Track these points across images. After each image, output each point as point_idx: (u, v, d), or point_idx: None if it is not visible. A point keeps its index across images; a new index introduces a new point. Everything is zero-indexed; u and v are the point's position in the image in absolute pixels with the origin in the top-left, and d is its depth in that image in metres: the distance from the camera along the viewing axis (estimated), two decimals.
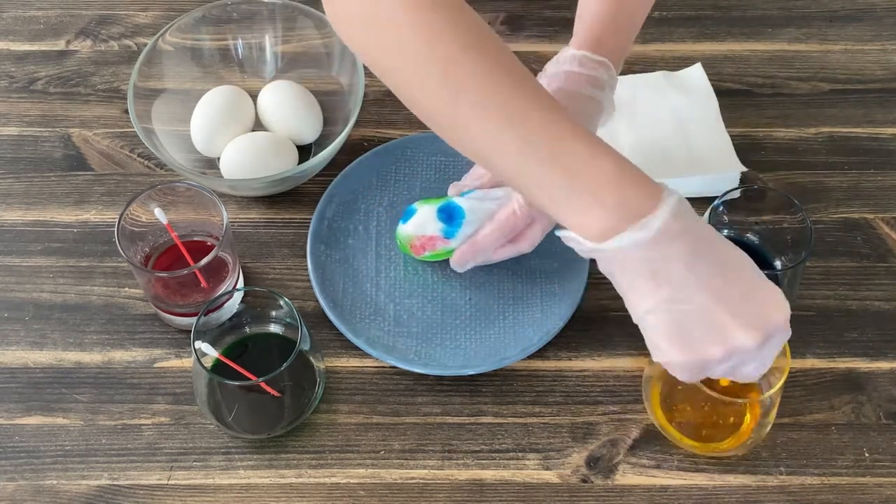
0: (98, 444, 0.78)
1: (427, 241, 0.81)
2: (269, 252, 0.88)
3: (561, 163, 0.63)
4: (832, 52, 1.02)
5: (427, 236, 0.81)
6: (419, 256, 0.83)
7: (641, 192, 0.63)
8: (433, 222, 0.81)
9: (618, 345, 0.83)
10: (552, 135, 0.63)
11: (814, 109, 0.97)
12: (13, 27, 1.04)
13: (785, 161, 0.94)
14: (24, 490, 0.76)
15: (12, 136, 0.95)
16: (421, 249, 0.82)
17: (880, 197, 0.91)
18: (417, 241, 0.82)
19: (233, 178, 0.88)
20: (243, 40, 0.96)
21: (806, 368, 0.82)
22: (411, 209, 0.83)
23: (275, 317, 0.79)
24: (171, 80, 0.92)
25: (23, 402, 0.80)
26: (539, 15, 1.05)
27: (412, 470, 0.77)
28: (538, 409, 0.80)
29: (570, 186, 0.63)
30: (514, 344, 0.81)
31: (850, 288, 0.86)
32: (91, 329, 0.83)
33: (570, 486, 0.76)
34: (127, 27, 1.03)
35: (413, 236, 0.82)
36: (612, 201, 0.62)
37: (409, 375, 0.81)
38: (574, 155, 0.63)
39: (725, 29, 1.04)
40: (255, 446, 0.78)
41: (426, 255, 0.83)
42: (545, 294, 0.84)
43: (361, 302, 0.84)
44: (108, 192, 0.91)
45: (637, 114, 0.94)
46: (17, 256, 0.87)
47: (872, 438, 0.78)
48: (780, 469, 0.77)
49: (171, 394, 0.80)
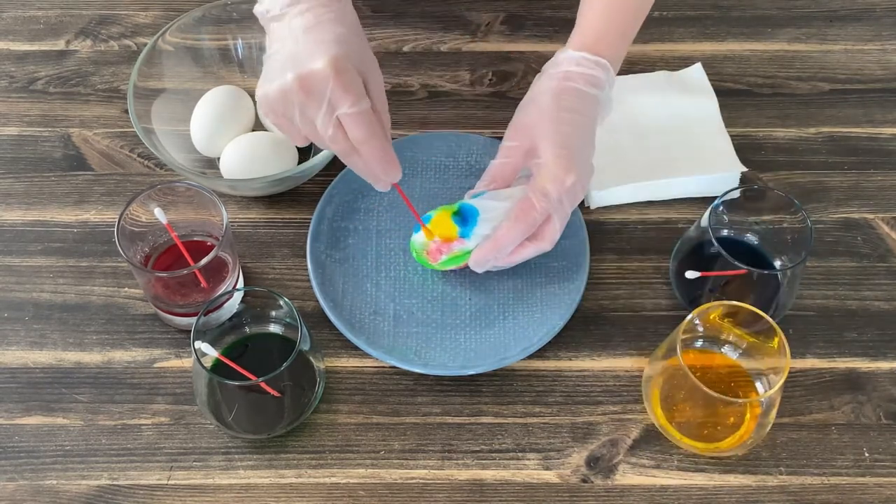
0: (98, 444, 0.78)
1: (443, 244, 0.80)
2: (269, 252, 0.88)
3: None
4: (832, 52, 1.02)
5: (442, 239, 0.80)
6: (436, 263, 0.82)
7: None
8: (450, 226, 0.80)
9: (618, 345, 0.83)
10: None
11: (814, 109, 0.97)
12: (13, 27, 1.04)
13: (785, 161, 0.94)
14: (24, 490, 0.76)
15: (12, 136, 0.95)
16: (437, 254, 0.81)
17: (880, 197, 0.91)
18: (433, 244, 0.81)
19: (233, 178, 0.88)
20: (243, 40, 0.96)
21: (806, 368, 0.82)
22: (427, 216, 0.82)
23: (275, 317, 0.79)
24: (171, 80, 0.92)
25: (23, 402, 0.80)
26: (539, 15, 1.05)
27: (412, 470, 0.77)
28: (538, 409, 0.80)
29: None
30: (514, 344, 0.81)
31: (850, 288, 0.86)
32: (91, 329, 0.83)
33: (570, 486, 0.76)
34: (127, 27, 1.03)
35: (428, 242, 0.81)
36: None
37: (409, 375, 0.81)
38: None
39: (725, 29, 1.04)
40: (255, 446, 0.78)
41: (443, 260, 0.81)
42: (545, 294, 0.84)
43: (361, 302, 0.84)
44: (108, 192, 0.91)
45: (637, 114, 0.94)
46: (17, 256, 0.87)
47: (872, 438, 0.78)
48: (780, 469, 0.77)
49: (171, 394, 0.80)
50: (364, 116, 0.72)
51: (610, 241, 0.88)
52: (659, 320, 0.84)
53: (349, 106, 0.71)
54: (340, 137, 0.73)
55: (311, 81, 0.71)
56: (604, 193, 0.90)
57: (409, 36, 1.03)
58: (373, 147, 0.73)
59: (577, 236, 0.86)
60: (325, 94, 0.71)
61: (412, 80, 0.99)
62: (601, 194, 0.90)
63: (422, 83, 0.99)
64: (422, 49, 1.02)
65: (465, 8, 1.05)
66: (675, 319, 0.81)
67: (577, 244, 0.85)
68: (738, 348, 0.79)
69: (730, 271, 0.77)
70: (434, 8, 1.05)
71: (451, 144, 0.92)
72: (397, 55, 1.01)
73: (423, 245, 0.82)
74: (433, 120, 0.96)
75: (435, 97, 0.98)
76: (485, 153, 0.91)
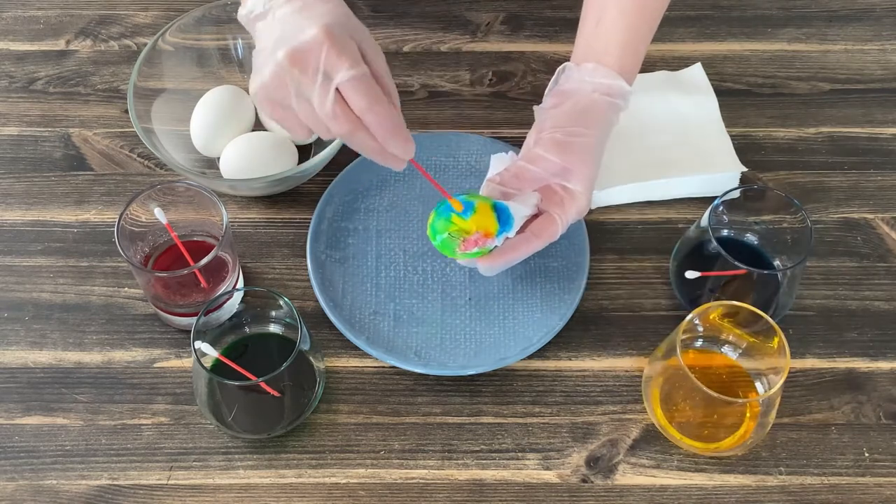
0: (98, 444, 0.78)
1: (482, 238, 0.76)
2: (269, 252, 0.88)
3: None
4: (832, 52, 1.02)
5: (484, 233, 0.76)
6: (462, 251, 0.77)
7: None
8: (492, 220, 0.76)
9: (618, 345, 0.83)
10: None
11: (814, 109, 0.97)
12: (13, 27, 1.04)
13: (785, 161, 0.94)
14: (24, 490, 0.76)
15: (12, 136, 0.95)
16: (473, 245, 0.76)
17: (880, 197, 0.91)
18: (474, 236, 0.76)
19: (233, 178, 0.88)
20: (243, 40, 0.96)
21: (806, 368, 0.82)
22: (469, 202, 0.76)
23: (275, 317, 0.79)
24: (171, 80, 0.92)
25: (23, 402, 0.80)
26: (539, 15, 1.05)
27: (412, 470, 0.77)
28: (538, 409, 0.80)
29: None
30: (513, 344, 0.81)
31: (850, 288, 0.86)
32: (91, 329, 0.83)
33: (569, 486, 0.76)
34: (127, 27, 1.03)
35: (470, 231, 0.76)
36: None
37: (409, 375, 0.81)
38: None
39: (725, 29, 1.04)
40: (255, 446, 0.78)
41: (472, 252, 0.77)
42: (545, 294, 0.84)
43: (361, 302, 0.84)
44: (108, 191, 0.91)
45: (637, 114, 0.94)
46: (17, 256, 0.87)
47: (872, 438, 0.78)
48: (780, 469, 0.77)
49: (171, 394, 0.80)
50: (364, 80, 0.67)
51: (610, 241, 0.88)
52: (659, 320, 0.84)
53: (346, 69, 0.66)
54: (340, 111, 0.67)
55: (303, 53, 0.66)
56: (604, 193, 0.90)
57: (409, 36, 1.03)
58: (378, 114, 0.67)
59: (577, 236, 0.86)
60: (320, 64, 0.66)
61: (412, 80, 0.99)
62: (601, 194, 0.90)
63: (422, 83, 0.99)
64: (422, 49, 1.02)
65: (465, 8, 1.05)
66: (675, 319, 0.82)
67: (577, 244, 0.86)
68: (738, 348, 0.79)
69: (730, 271, 0.77)
70: (434, 8, 1.05)
71: (451, 144, 0.92)
72: (397, 55, 1.01)
73: (459, 232, 0.76)
74: (433, 120, 0.96)
75: (435, 97, 0.98)
76: (485, 153, 0.91)
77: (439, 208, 0.77)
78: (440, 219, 0.76)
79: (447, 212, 0.76)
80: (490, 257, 0.77)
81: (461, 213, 0.75)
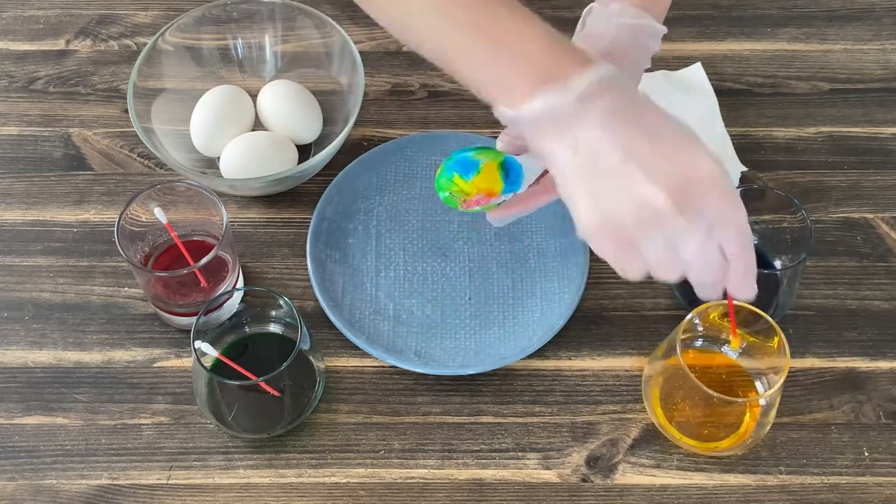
0: (98, 443, 0.78)
1: (483, 198, 0.74)
2: (268, 252, 0.88)
3: (489, 34, 0.59)
4: (832, 52, 1.02)
5: (485, 193, 0.74)
6: (465, 209, 0.75)
7: (570, 58, 0.58)
8: (497, 180, 0.73)
9: (618, 345, 0.83)
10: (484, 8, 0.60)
11: (813, 109, 0.97)
12: (13, 27, 1.04)
13: (784, 161, 0.94)
14: (24, 490, 0.76)
15: (12, 135, 0.95)
16: (475, 204, 0.75)
17: (880, 197, 0.91)
18: (475, 195, 0.74)
19: (233, 177, 0.88)
20: (243, 40, 0.96)
21: (806, 368, 0.82)
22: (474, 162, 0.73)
23: (275, 316, 0.79)
24: (171, 80, 0.92)
25: (23, 401, 0.80)
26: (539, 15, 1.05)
27: (412, 470, 0.77)
28: (538, 409, 0.80)
29: (496, 54, 0.59)
30: (513, 343, 0.81)
31: (850, 288, 0.86)
32: (91, 329, 0.83)
33: (569, 486, 0.76)
34: (127, 27, 1.03)
35: (470, 193, 0.74)
36: (536, 67, 0.58)
37: (409, 375, 0.81)
38: (503, 27, 0.59)
39: (725, 29, 1.04)
40: (255, 446, 0.78)
41: (475, 209, 0.75)
42: (545, 293, 0.84)
43: (361, 302, 0.84)
44: (108, 191, 0.91)
45: None
46: (17, 256, 0.87)
47: (872, 438, 0.78)
48: (780, 469, 0.77)
49: (171, 393, 0.80)
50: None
51: None
52: (659, 320, 0.84)
53: (739, 219, 0.57)
54: (715, 259, 0.58)
55: (690, 193, 0.56)
56: None
57: None
58: (744, 263, 0.59)
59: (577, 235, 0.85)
60: (708, 209, 0.56)
61: (412, 80, 0.99)
62: None
63: (422, 83, 0.99)
64: None
65: None
66: (675, 319, 0.81)
67: (577, 243, 0.85)
68: (738, 348, 0.79)
69: None
70: None
71: (451, 144, 0.92)
72: (397, 55, 1.01)
73: (460, 193, 0.74)
74: (433, 120, 0.96)
75: (435, 97, 0.98)
76: None
77: (447, 162, 0.74)
78: (444, 176, 0.74)
79: (451, 170, 0.73)
80: (497, 211, 0.75)
81: (463, 174, 0.73)
